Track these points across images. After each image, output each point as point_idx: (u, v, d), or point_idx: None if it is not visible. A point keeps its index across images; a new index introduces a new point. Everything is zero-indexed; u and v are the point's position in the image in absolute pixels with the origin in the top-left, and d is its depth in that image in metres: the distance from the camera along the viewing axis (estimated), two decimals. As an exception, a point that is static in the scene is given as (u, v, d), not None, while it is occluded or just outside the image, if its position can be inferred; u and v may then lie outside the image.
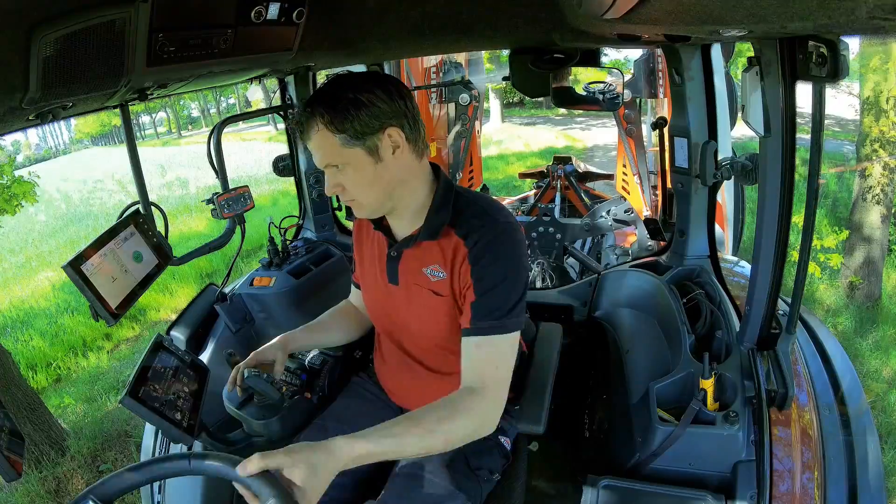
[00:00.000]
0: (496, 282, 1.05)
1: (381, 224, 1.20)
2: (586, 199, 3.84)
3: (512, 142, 14.19)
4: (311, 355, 1.52)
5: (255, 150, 16.07)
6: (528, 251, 2.82)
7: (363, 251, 1.30)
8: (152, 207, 1.44)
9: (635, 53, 3.26)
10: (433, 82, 3.48)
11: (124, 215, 1.38)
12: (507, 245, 1.06)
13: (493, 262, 1.05)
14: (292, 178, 2.15)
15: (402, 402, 1.36)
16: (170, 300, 6.06)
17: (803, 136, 0.98)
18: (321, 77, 2.12)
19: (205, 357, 1.65)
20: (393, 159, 1.05)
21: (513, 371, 1.26)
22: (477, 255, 1.06)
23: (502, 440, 1.27)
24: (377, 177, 1.06)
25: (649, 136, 3.79)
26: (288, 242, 2.03)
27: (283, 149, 2.15)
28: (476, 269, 1.06)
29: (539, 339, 1.47)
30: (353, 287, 1.44)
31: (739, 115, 1.21)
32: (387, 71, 2.07)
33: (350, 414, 1.34)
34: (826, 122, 1.07)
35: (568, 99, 1.80)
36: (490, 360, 1.05)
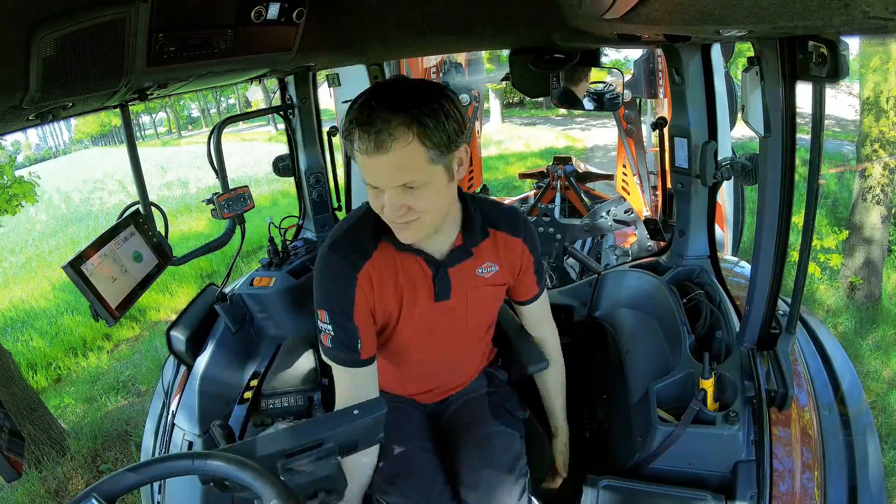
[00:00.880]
0: (539, 251, 1.29)
1: (413, 248, 1.13)
2: (586, 200, 3.82)
3: (512, 142, 14.20)
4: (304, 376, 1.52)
5: (255, 150, 16.09)
6: None
7: (397, 290, 1.16)
8: (152, 207, 1.44)
9: (635, 53, 3.26)
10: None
11: (124, 215, 1.38)
12: (531, 224, 1.28)
13: (537, 242, 1.28)
14: (292, 178, 2.15)
15: (431, 399, 1.40)
16: (170, 300, 6.06)
17: (803, 136, 0.98)
18: (321, 77, 2.11)
19: (204, 357, 1.65)
20: (457, 176, 1.02)
21: None
22: (533, 246, 1.26)
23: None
24: (448, 196, 1.03)
25: (649, 136, 3.78)
26: (288, 242, 2.03)
27: (283, 149, 2.15)
28: (534, 254, 1.27)
29: None
30: (362, 370, 1.16)
31: (739, 115, 1.21)
32: (387, 71, 2.07)
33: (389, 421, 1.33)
34: (826, 122, 1.07)
35: (570, 99, 1.80)
36: (547, 303, 1.39)
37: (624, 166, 3.85)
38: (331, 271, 1.12)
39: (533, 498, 1.27)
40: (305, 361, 1.61)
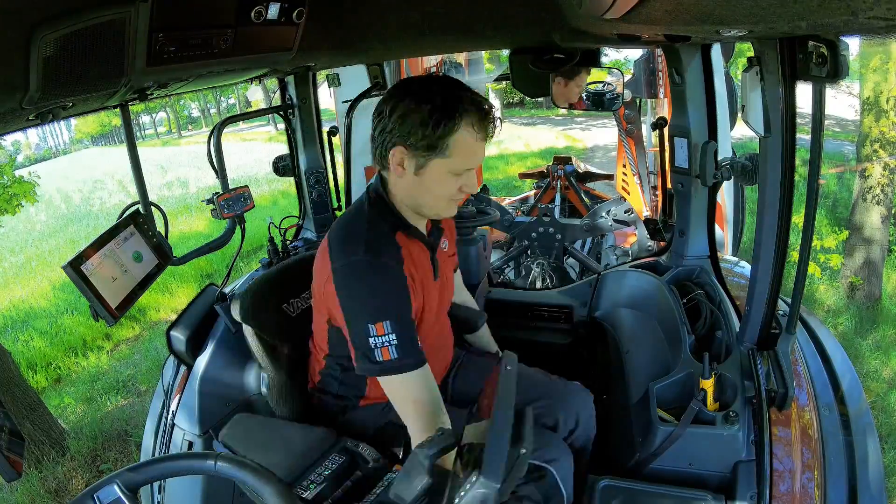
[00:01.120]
0: None
1: (416, 233, 1.21)
2: (586, 200, 3.83)
3: (512, 142, 14.18)
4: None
5: (255, 150, 16.08)
6: (529, 251, 2.84)
7: (420, 277, 1.18)
8: (152, 207, 1.44)
9: (635, 53, 3.26)
10: None
11: (124, 215, 1.38)
12: None
13: None
14: (292, 178, 2.15)
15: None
16: (170, 300, 6.06)
17: (803, 136, 0.98)
18: (321, 77, 2.11)
19: (204, 357, 1.65)
20: None
21: None
22: (452, 221, 1.37)
23: None
24: None
25: (649, 136, 3.78)
26: (288, 242, 2.03)
27: (283, 149, 2.15)
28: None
29: None
30: (427, 366, 1.09)
31: (739, 115, 1.21)
32: (387, 71, 2.07)
33: None
34: (826, 122, 1.07)
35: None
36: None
37: (624, 166, 3.85)
38: (384, 276, 1.07)
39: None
40: (282, 430, 1.35)
